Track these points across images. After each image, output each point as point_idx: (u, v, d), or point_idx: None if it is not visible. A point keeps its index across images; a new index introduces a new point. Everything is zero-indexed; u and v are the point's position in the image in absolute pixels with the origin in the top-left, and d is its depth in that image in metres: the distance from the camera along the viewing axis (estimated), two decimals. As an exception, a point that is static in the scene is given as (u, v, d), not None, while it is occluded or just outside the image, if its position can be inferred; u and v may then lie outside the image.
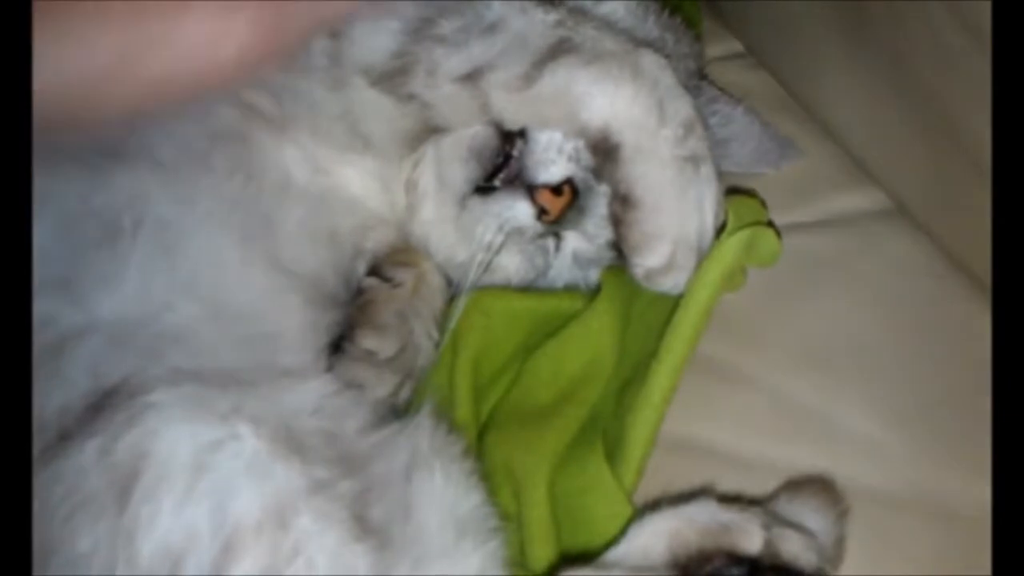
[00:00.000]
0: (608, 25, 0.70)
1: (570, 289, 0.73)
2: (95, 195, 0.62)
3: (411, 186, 0.73)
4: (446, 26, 0.65)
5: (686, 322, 0.61)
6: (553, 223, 0.69)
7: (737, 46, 0.93)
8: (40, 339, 0.56)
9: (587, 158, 0.67)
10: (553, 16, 0.66)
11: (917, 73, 0.70)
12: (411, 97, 0.66)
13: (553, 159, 0.68)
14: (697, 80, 0.81)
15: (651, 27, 0.77)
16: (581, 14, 0.70)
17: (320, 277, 0.69)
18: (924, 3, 0.65)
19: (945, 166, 0.68)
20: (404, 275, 0.72)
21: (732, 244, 0.62)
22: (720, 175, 0.66)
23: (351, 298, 0.71)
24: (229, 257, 0.64)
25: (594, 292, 0.71)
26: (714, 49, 0.93)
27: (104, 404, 0.51)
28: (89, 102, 0.50)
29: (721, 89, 0.82)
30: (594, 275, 0.72)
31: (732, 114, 0.78)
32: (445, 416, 0.63)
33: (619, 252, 0.67)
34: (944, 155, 0.68)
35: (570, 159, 0.68)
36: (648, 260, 0.64)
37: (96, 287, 0.59)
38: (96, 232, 0.61)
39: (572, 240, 0.71)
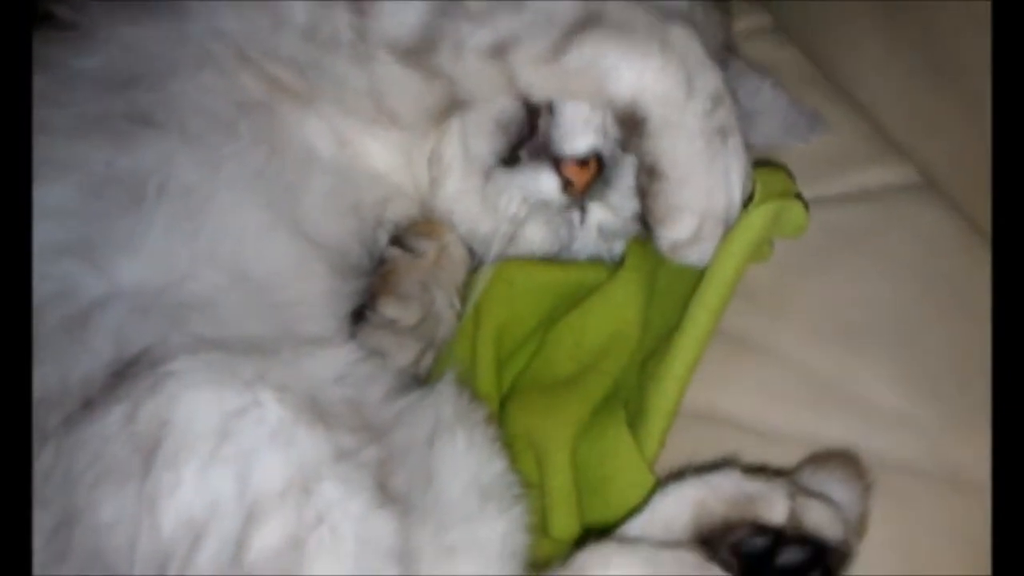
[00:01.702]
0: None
1: (594, 261, 0.72)
2: (120, 159, 0.62)
3: (436, 159, 0.72)
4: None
5: (711, 293, 0.60)
6: (578, 195, 0.69)
7: (766, 20, 0.92)
8: (64, 308, 0.56)
9: (614, 130, 0.67)
10: None
11: (949, 46, 0.69)
12: (437, 72, 0.65)
13: (579, 131, 0.67)
14: (725, 53, 0.80)
15: (682, 2, 0.76)
16: None
17: (343, 246, 0.69)
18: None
19: (975, 139, 0.67)
20: (427, 246, 0.72)
21: (759, 215, 0.62)
22: (748, 148, 0.66)
23: (373, 267, 0.71)
24: (252, 225, 0.64)
25: (618, 264, 0.70)
26: (742, 23, 0.91)
27: (127, 372, 0.51)
28: None
29: (749, 63, 0.81)
30: (619, 247, 0.72)
31: (760, 88, 0.77)
32: (467, 385, 0.63)
33: (644, 224, 0.67)
34: (974, 128, 0.67)
35: (596, 131, 0.67)
36: (674, 232, 0.63)
37: (119, 253, 0.59)
38: (120, 196, 0.61)
39: (597, 212, 0.71)
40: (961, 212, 0.70)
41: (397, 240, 0.72)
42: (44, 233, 0.57)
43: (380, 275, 0.70)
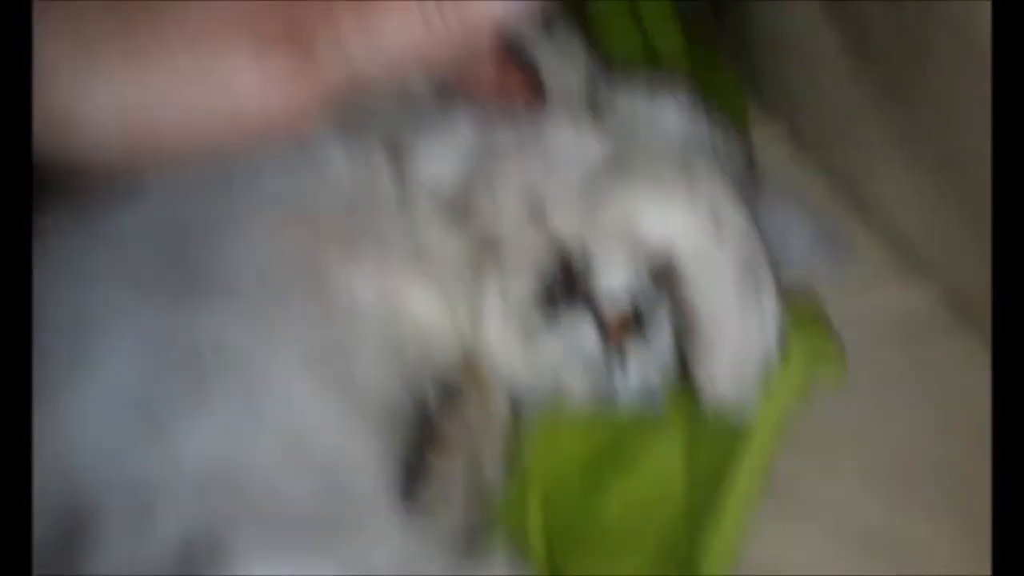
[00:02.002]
0: (661, 133, 0.71)
1: (635, 407, 0.73)
2: (173, 324, 0.62)
3: (475, 308, 0.74)
4: (502, 149, 0.66)
5: (755, 450, 0.61)
6: (616, 341, 0.70)
7: (783, 132, 0.93)
8: (130, 493, 0.57)
9: (647, 277, 0.68)
10: (605, 133, 0.67)
11: (969, 170, 0.70)
12: (473, 221, 0.67)
13: (614, 277, 0.68)
14: (748, 175, 0.82)
15: (703, 128, 0.77)
16: (633, 124, 0.71)
17: (390, 399, 0.69)
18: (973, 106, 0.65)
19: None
20: (470, 394, 0.73)
21: (795, 372, 0.63)
22: (778, 281, 0.67)
23: (418, 418, 0.72)
24: (305, 388, 0.64)
25: (660, 411, 0.71)
26: (759, 132, 0.93)
27: (191, 559, 0.53)
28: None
29: (771, 181, 0.83)
30: (659, 392, 0.73)
31: (784, 210, 0.79)
32: (517, 545, 0.64)
33: (682, 369, 0.68)
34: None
35: (630, 279, 0.68)
36: (711, 378, 0.64)
37: (181, 428, 0.59)
38: (177, 366, 0.61)
39: (636, 357, 0.72)
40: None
41: (440, 389, 0.73)
42: (107, 413, 0.58)
43: (425, 430, 0.71)
